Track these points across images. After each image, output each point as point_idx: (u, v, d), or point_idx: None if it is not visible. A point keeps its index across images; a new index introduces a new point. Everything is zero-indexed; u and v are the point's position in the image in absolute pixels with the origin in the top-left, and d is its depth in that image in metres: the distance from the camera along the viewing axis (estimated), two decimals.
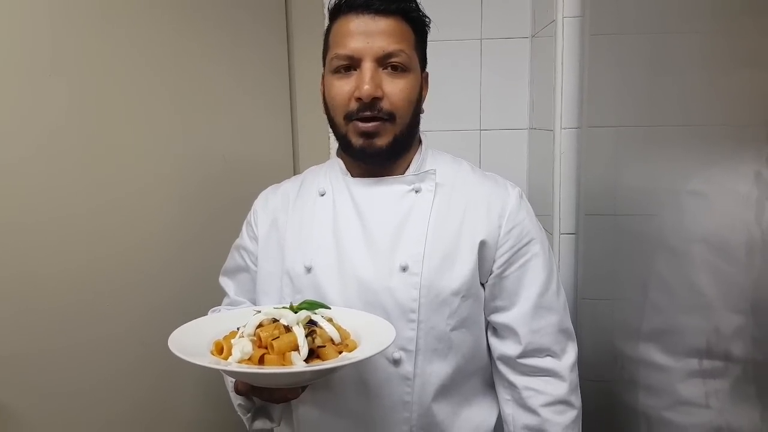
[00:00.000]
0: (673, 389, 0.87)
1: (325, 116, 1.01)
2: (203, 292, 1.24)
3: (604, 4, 1.15)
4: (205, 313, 1.05)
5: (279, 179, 1.16)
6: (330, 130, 1.01)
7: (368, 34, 0.91)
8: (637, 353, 1.00)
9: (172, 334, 0.81)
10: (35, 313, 1.09)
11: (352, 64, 0.92)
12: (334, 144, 1.57)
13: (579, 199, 1.29)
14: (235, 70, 1.47)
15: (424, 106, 1.01)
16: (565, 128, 1.28)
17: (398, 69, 0.92)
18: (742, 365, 0.69)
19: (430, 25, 1.00)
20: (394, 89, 0.92)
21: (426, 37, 1.00)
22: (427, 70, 1.02)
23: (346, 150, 0.98)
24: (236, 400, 0.97)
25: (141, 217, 1.26)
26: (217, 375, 1.05)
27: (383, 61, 0.92)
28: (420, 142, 1.04)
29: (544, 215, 1.36)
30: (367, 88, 0.89)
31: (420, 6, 0.97)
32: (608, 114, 1.14)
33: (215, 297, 1.15)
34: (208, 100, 1.40)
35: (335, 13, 0.95)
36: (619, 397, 1.09)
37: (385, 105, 0.92)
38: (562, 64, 1.27)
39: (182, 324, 0.87)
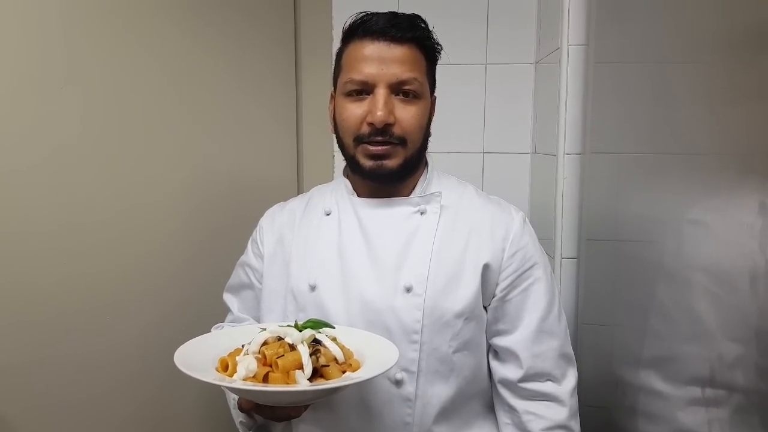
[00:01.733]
0: (674, 417, 0.87)
1: (329, 135, 1.02)
2: (206, 307, 1.24)
3: (608, 33, 1.17)
4: (207, 328, 1.05)
5: (283, 197, 1.17)
6: (334, 149, 1.02)
7: (383, 60, 0.93)
8: (638, 380, 1.00)
9: (178, 350, 0.82)
10: (36, 323, 1.09)
11: (365, 89, 0.94)
12: (338, 163, 1.59)
13: (581, 224, 1.30)
14: (244, 87, 1.49)
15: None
16: (568, 154, 1.30)
17: (410, 96, 0.94)
18: (745, 394, 0.69)
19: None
20: (406, 115, 0.94)
21: (436, 63, 1.02)
22: (435, 93, 1.04)
23: (355, 171, 0.99)
24: (238, 417, 0.98)
25: (146, 230, 1.27)
26: (217, 389, 1.05)
27: (396, 88, 0.93)
28: (426, 164, 1.05)
29: (545, 239, 1.37)
30: (380, 115, 0.91)
31: (433, 33, 0.99)
32: (611, 141, 1.15)
33: (218, 312, 1.15)
34: (215, 116, 1.42)
35: (349, 36, 0.97)
36: (619, 424, 1.09)
37: (396, 130, 0.93)
38: (566, 90, 1.29)
39: (183, 338, 0.88)
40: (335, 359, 0.81)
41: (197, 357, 0.82)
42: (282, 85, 1.60)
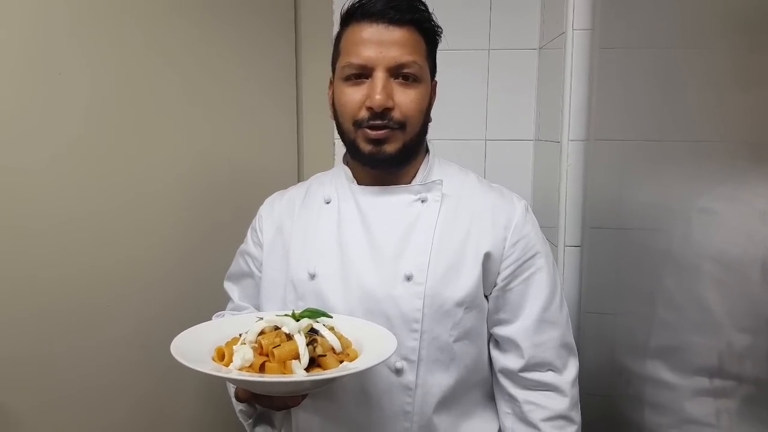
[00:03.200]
0: (681, 407, 0.86)
1: (330, 123, 1.00)
2: (207, 296, 1.23)
3: (614, 17, 1.15)
4: (208, 318, 1.05)
5: (283, 185, 1.15)
6: (335, 137, 1.00)
7: (381, 43, 0.90)
8: (643, 369, 0.99)
9: (174, 340, 0.81)
10: (39, 315, 1.09)
11: (363, 73, 0.92)
12: (338, 151, 1.57)
13: (585, 211, 1.29)
14: (244, 76, 1.47)
15: (431, 114, 1.01)
16: (572, 140, 1.28)
17: (410, 79, 0.92)
18: (755, 385, 0.68)
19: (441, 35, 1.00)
20: (405, 99, 0.92)
21: (437, 46, 0.99)
22: (435, 78, 1.01)
23: (354, 156, 0.97)
24: (238, 405, 0.98)
25: (146, 222, 1.26)
26: (217, 379, 1.04)
27: (395, 71, 0.91)
28: (427, 151, 1.03)
29: (549, 227, 1.35)
30: (378, 98, 0.89)
31: (433, 16, 0.97)
32: (616, 127, 1.14)
33: (219, 301, 1.14)
34: (216, 104, 1.40)
35: (347, 20, 0.95)
36: (623, 412, 1.08)
37: (395, 114, 0.92)
38: (571, 76, 1.27)
39: (184, 328, 0.87)
40: (332, 349, 0.80)
41: (194, 347, 0.81)
42: (282, 72, 1.58)
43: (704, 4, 0.80)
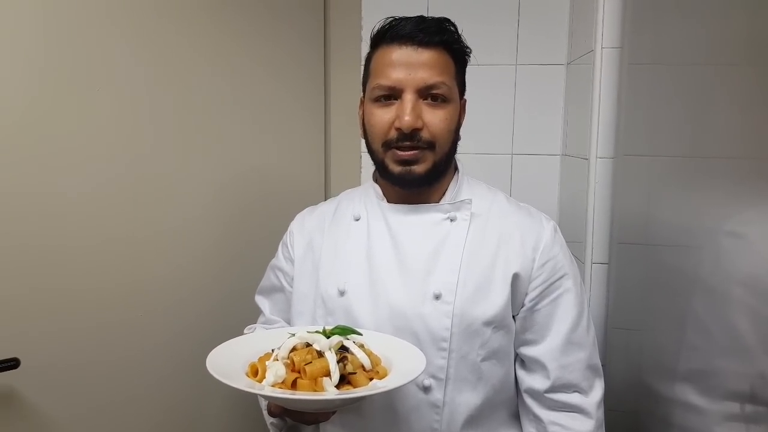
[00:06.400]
0: (709, 430, 0.85)
1: (357, 138, 1.02)
2: (238, 309, 1.26)
3: (643, 34, 1.14)
4: (239, 331, 1.07)
5: (311, 199, 1.18)
6: (362, 151, 1.02)
7: (410, 65, 0.92)
8: (670, 389, 0.99)
9: (209, 355, 0.83)
10: (77, 327, 1.13)
11: (393, 94, 0.93)
12: (365, 167, 1.58)
13: (612, 228, 1.28)
14: (275, 92, 1.49)
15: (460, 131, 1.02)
16: (600, 157, 1.28)
17: (438, 100, 0.93)
18: None
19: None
20: (434, 119, 0.93)
21: (466, 65, 1.01)
22: (465, 96, 1.03)
23: (383, 176, 0.99)
24: (269, 419, 0.99)
25: (179, 236, 1.29)
26: (251, 394, 1.07)
27: (424, 92, 0.93)
28: (456, 169, 1.04)
29: (575, 242, 1.35)
30: (407, 120, 0.91)
31: (462, 36, 0.98)
32: (645, 144, 1.13)
33: (250, 314, 1.17)
34: (246, 119, 1.43)
35: (377, 42, 0.97)
36: (647, 431, 1.07)
37: (425, 135, 0.93)
38: (600, 92, 1.26)
39: (215, 340, 0.89)
40: (362, 366, 0.82)
41: (228, 362, 0.83)
42: (311, 88, 1.60)
43: (733, 22, 0.79)
